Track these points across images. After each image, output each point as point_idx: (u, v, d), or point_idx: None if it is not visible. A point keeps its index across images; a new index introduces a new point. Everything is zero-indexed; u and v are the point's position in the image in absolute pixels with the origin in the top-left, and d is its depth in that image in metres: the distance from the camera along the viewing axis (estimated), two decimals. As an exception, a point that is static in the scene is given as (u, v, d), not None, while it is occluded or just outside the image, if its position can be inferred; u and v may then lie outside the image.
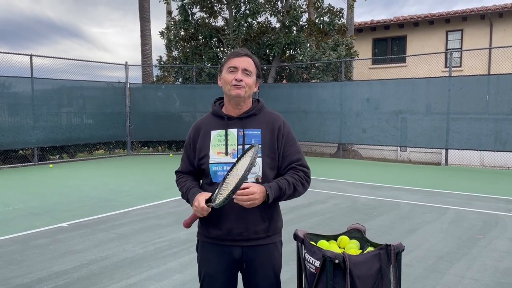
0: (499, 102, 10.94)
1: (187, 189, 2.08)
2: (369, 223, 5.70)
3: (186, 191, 2.08)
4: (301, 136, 13.97)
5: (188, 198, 2.06)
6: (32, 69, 11.70)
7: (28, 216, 6.12)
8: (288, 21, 15.06)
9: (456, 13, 16.33)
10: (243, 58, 2.03)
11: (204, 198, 1.92)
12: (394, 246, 1.88)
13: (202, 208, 1.90)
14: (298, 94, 14.16)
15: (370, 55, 18.40)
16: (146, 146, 16.05)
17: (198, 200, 1.92)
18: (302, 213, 6.30)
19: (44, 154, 12.55)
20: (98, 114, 13.66)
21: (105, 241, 4.93)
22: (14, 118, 11.41)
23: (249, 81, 2.02)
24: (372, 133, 12.92)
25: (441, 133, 11.79)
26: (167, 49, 17.35)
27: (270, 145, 2.04)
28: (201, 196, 1.94)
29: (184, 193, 2.10)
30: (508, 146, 10.86)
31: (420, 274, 3.93)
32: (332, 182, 9.02)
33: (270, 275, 2.05)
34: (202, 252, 2.11)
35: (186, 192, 2.08)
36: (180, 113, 15.07)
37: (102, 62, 14.05)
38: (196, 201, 1.92)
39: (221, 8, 16.22)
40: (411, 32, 17.61)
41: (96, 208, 6.64)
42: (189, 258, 4.31)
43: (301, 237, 2.06)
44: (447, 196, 7.58)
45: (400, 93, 12.39)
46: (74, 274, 3.93)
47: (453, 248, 4.66)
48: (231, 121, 2.06)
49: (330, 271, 1.81)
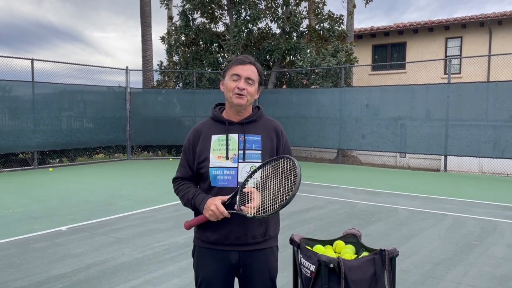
0: (498, 109, 10.99)
1: (194, 195, 2.04)
2: (367, 228, 5.71)
3: (193, 197, 2.03)
4: (301, 142, 14.01)
5: (196, 204, 2.01)
6: (33, 73, 11.75)
7: (28, 220, 6.13)
8: (289, 27, 15.15)
9: (455, 21, 16.42)
10: (247, 66, 2.05)
11: (220, 201, 1.92)
12: (388, 251, 1.90)
13: (222, 212, 1.89)
14: (298, 99, 14.20)
15: (370, 61, 18.47)
16: (146, 151, 16.07)
17: (216, 205, 1.90)
18: (301, 218, 6.31)
19: (44, 158, 12.57)
20: (98, 118, 13.70)
21: (103, 245, 4.95)
22: (14, 122, 11.44)
23: (251, 90, 2.05)
24: (371, 139, 12.95)
25: (440, 140, 11.82)
26: (167, 54, 17.44)
27: (270, 152, 2.08)
28: (215, 199, 1.93)
29: (190, 199, 2.05)
30: (507, 153, 10.89)
31: (417, 280, 3.94)
32: (331, 188, 9.04)
33: (266, 280, 2.07)
34: (199, 257, 2.11)
35: (193, 197, 2.03)
36: (180, 118, 15.11)
37: (103, 66, 14.09)
38: (213, 206, 1.90)
39: (222, 14, 16.32)
40: (410, 39, 17.69)
41: (95, 212, 6.66)
42: (187, 263, 4.33)
43: (297, 241, 2.08)
44: (445, 202, 7.60)
45: (399, 99, 12.43)
46: (73, 278, 3.94)
47: (450, 254, 4.68)
48: (232, 126, 2.09)
49: (325, 276, 1.83)
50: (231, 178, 2.02)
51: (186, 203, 2.09)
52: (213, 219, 1.93)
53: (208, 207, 1.93)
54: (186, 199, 2.08)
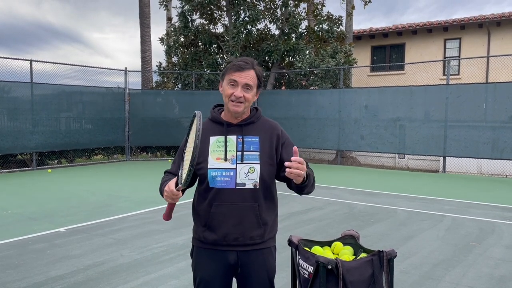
0: (496, 110, 11.00)
1: (163, 182, 2.07)
2: (365, 229, 5.72)
3: (162, 185, 2.05)
4: (300, 143, 14.00)
5: (161, 191, 2.03)
6: (32, 74, 11.75)
7: (26, 221, 6.12)
8: (287, 28, 15.16)
9: (454, 22, 16.45)
10: (245, 72, 2.03)
11: (173, 183, 1.90)
12: (386, 252, 1.91)
13: (172, 191, 1.87)
14: (297, 100, 14.21)
15: (369, 62, 18.49)
16: (145, 152, 16.07)
17: (168, 185, 1.90)
18: (300, 219, 6.32)
19: (43, 159, 12.55)
20: (97, 119, 13.70)
21: (102, 246, 4.95)
22: (13, 123, 11.43)
23: (249, 96, 2.04)
24: (370, 140, 12.96)
25: (439, 141, 11.83)
26: (166, 55, 17.44)
27: (269, 153, 2.07)
28: (170, 182, 1.93)
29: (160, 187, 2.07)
30: (506, 154, 10.91)
31: (416, 281, 3.94)
32: (329, 189, 9.05)
33: (264, 280, 2.07)
34: (197, 258, 2.11)
35: (161, 185, 2.05)
36: (179, 119, 15.10)
37: (101, 67, 14.10)
38: (166, 187, 1.90)
39: (221, 15, 16.33)
40: (409, 40, 17.72)
41: (94, 213, 6.66)
42: (185, 264, 4.33)
43: (296, 243, 2.09)
44: (444, 203, 7.60)
45: (398, 100, 12.45)
46: (71, 279, 3.94)
47: (449, 255, 4.68)
48: (230, 127, 2.09)
49: (323, 277, 1.84)
50: (230, 179, 2.01)
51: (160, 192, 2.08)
52: (170, 200, 1.91)
53: (164, 192, 1.93)
54: (159, 189, 2.09)
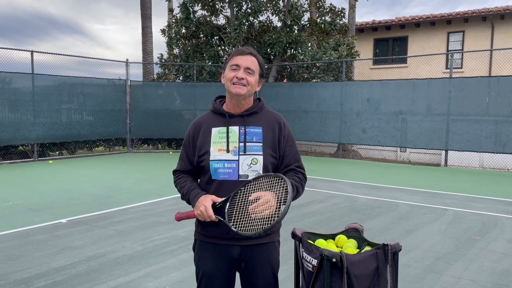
0: (499, 104, 10.94)
1: (188, 190, 2.04)
2: (367, 223, 5.70)
3: (187, 192, 2.03)
4: (301, 136, 13.97)
5: (190, 199, 2.02)
6: (33, 65, 11.70)
7: (27, 212, 6.12)
8: (290, 21, 15.06)
9: (457, 15, 16.32)
10: (246, 56, 2.03)
11: (211, 203, 1.89)
12: (391, 245, 1.89)
13: (210, 216, 1.87)
14: (299, 93, 14.16)
15: (371, 55, 18.39)
16: (146, 144, 16.06)
17: (205, 206, 1.88)
18: (301, 212, 6.30)
19: (44, 150, 12.55)
20: (98, 111, 13.67)
21: (103, 238, 4.94)
22: (14, 114, 11.41)
23: (251, 80, 2.02)
24: (372, 134, 12.92)
25: (441, 134, 11.79)
26: (168, 47, 17.35)
27: (272, 144, 2.05)
28: (206, 200, 1.91)
29: (185, 193, 2.05)
30: (508, 148, 10.87)
31: (418, 274, 3.93)
32: (331, 182, 9.03)
33: (268, 274, 2.05)
34: (200, 252, 2.09)
35: (187, 192, 2.03)
36: (181, 111, 15.08)
37: (103, 59, 14.03)
38: (203, 206, 1.88)
39: (223, 6, 16.22)
40: (412, 33, 17.60)
41: (95, 205, 6.65)
42: (187, 256, 4.32)
43: (299, 235, 2.06)
44: (446, 197, 7.58)
45: (400, 93, 12.39)
46: (73, 270, 3.94)
47: (451, 249, 4.67)
48: (232, 118, 2.06)
49: (328, 270, 1.82)
50: (232, 171, 1.99)
51: (182, 196, 2.09)
52: (200, 218, 1.92)
53: (198, 206, 1.92)
54: (182, 193, 2.08)
